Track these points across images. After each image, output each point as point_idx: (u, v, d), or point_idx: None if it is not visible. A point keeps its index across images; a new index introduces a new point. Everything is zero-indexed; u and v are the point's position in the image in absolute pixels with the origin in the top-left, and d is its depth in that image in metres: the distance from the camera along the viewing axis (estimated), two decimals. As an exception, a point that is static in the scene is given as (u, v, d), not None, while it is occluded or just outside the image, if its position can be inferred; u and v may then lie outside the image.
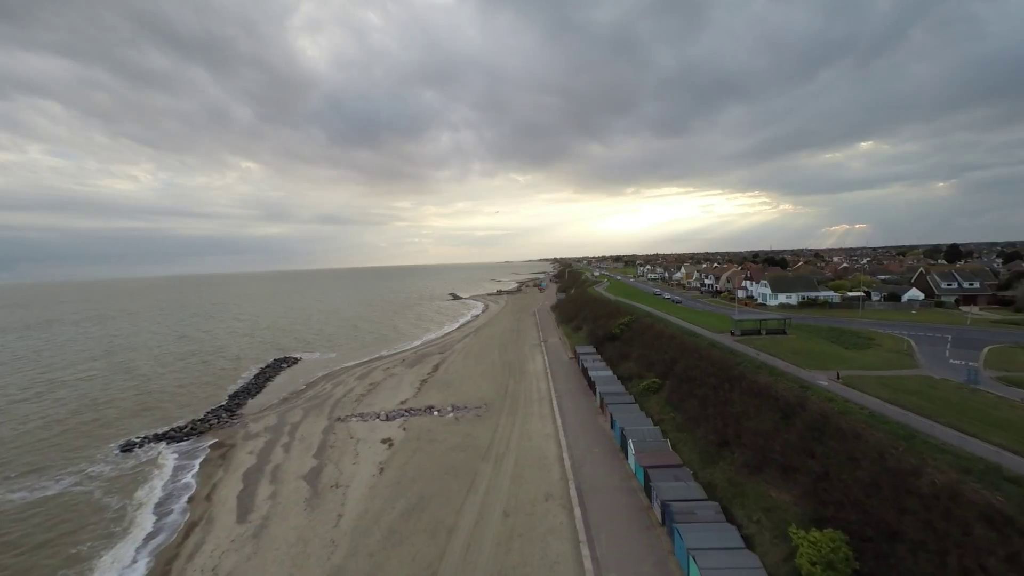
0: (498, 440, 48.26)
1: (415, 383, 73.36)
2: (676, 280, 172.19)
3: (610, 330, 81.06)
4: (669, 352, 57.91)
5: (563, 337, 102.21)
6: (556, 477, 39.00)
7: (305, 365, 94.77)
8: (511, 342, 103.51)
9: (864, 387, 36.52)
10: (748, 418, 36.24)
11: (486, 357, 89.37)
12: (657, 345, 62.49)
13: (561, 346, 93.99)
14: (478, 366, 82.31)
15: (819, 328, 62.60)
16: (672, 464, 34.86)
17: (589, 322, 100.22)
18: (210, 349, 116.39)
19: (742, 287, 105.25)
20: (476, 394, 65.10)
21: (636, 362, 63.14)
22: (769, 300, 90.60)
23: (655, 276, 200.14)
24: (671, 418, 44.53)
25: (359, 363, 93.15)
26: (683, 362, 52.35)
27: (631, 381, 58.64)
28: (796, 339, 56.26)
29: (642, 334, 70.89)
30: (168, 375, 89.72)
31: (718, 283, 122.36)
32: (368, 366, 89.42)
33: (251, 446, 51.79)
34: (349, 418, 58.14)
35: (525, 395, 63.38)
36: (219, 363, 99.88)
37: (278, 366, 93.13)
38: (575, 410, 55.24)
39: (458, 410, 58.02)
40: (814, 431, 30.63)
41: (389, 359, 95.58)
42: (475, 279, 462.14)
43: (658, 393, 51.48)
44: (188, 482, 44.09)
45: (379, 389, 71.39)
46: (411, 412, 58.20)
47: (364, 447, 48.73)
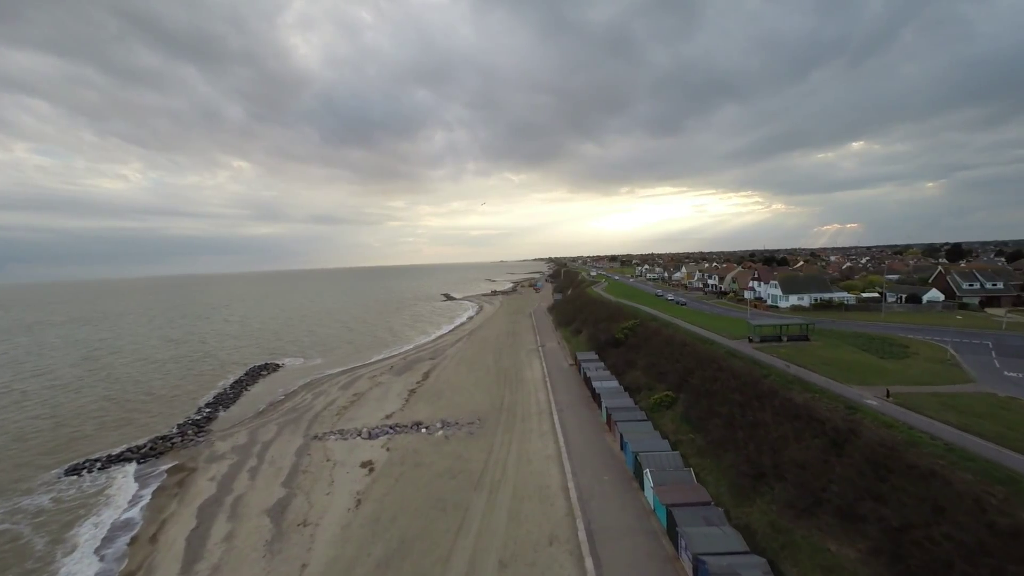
0: (493, 463, 42.58)
1: (403, 393, 67.51)
2: (676, 280, 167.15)
3: (613, 335, 75.58)
4: (682, 361, 52.43)
5: (562, 341, 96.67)
6: (561, 513, 33.35)
7: (287, 372, 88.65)
8: (506, 347, 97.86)
9: (923, 408, 31.22)
10: (787, 445, 30.78)
11: (480, 363, 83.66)
12: (667, 353, 57.01)
13: (560, 351, 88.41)
14: (471, 374, 76.56)
15: (843, 334, 57.41)
16: (700, 501, 29.33)
17: (589, 325, 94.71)
18: (191, 354, 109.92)
19: (749, 288, 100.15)
20: (469, 407, 59.38)
21: (644, 371, 57.65)
22: (780, 302, 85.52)
23: (654, 276, 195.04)
24: (690, 439, 39.03)
25: (344, 370, 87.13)
26: (700, 373, 46.87)
27: (640, 393, 53.16)
28: (822, 346, 51.01)
29: (649, 340, 65.43)
30: (140, 383, 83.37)
31: (722, 284, 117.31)
32: (353, 374, 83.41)
33: (214, 470, 45.79)
34: (327, 436, 52.22)
35: (523, 408, 57.73)
36: (197, 369, 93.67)
37: (257, 374, 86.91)
38: (579, 426, 49.64)
39: (448, 426, 52.26)
40: (877, 467, 25.19)
41: (377, 366, 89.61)
42: (469, 279, 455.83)
43: (672, 408, 45.98)
44: (134, 517, 38.05)
45: (363, 401, 65.48)
46: (396, 429, 52.36)
47: (341, 472, 42.87)
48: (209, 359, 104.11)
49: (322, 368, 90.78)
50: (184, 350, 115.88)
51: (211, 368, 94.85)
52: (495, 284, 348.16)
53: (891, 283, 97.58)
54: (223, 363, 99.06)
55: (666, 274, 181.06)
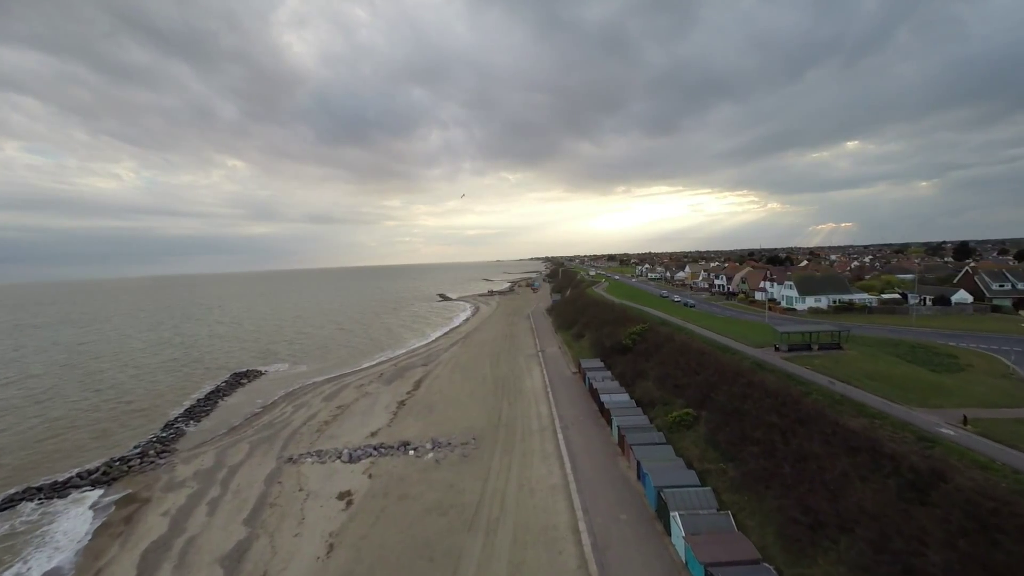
0: (490, 495, 36.83)
1: (391, 406, 61.68)
2: (679, 280, 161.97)
3: (620, 340, 69.96)
4: (701, 373, 46.83)
5: (563, 346, 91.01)
6: (572, 566, 27.65)
7: (269, 380, 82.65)
8: (504, 351, 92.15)
9: (1016, 440, 25.71)
10: (849, 485, 25.20)
11: (476, 371, 77.89)
12: (683, 362, 51.41)
13: (561, 357, 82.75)
14: (466, 383, 70.78)
15: (875, 341, 51.99)
16: (746, 560, 23.73)
17: (592, 329, 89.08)
18: (175, 358, 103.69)
19: (761, 289, 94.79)
20: (463, 422, 53.60)
21: (657, 383, 52.02)
22: (796, 304, 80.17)
23: (656, 276, 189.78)
24: (720, 469, 33.39)
25: (330, 378, 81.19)
26: (725, 388, 41.26)
27: (654, 408, 47.55)
28: (859, 357, 45.57)
29: (660, 347, 59.83)
30: (113, 392, 77.26)
31: (731, 284, 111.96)
32: (340, 382, 77.46)
33: (169, 502, 39.85)
34: (303, 458, 46.33)
35: (523, 423, 52.02)
36: (177, 376, 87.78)
37: (237, 382, 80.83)
38: (586, 447, 43.97)
39: (440, 447, 46.45)
40: (986, 527, 19.59)
41: (366, 373, 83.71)
42: (466, 279, 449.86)
43: (693, 429, 40.36)
44: (63, 567, 32.12)
45: (347, 414, 59.61)
46: (381, 450, 46.50)
47: (314, 507, 37.02)
48: (193, 364, 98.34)
49: (307, 375, 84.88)
50: (168, 354, 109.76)
51: (193, 374, 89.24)
52: (492, 284, 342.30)
53: (909, 283, 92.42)
54: (207, 368, 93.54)
55: (668, 274, 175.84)
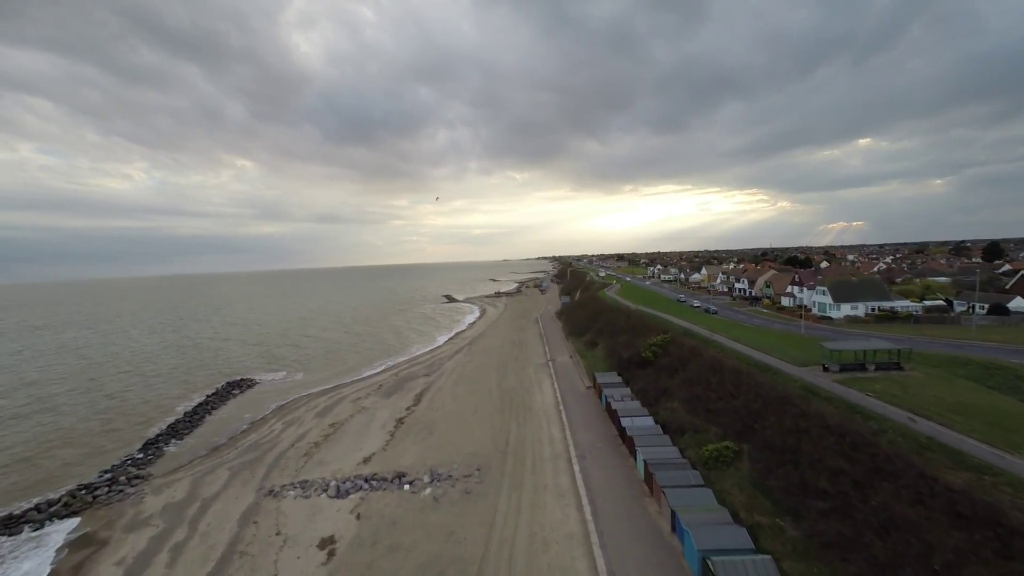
0: (496, 547, 31.17)
1: (388, 424, 56.29)
2: (695, 283, 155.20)
3: (639, 352, 64.04)
4: (739, 396, 40.84)
5: (575, 355, 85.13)
6: (599, 660, 21.93)
7: (262, 391, 77.73)
8: (511, 360, 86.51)
9: None
10: (966, 566, 19.19)
11: (481, 382, 72.32)
12: (716, 383, 45.41)
13: (573, 368, 76.90)
14: (470, 397, 65.22)
15: (941, 359, 45.46)
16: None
17: (606, 337, 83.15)
18: (171, 366, 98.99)
19: (788, 293, 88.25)
20: (466, 446, 48.01)
21: (685, 405, 46.08)
22: (830, 311, 73.67)
23: (669, 278, 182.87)
24: (774, 525, 27.48)
25: (327, 389, 76.09)
26: (772, 419, 35.30)
27: (683, 436, 41.64)
28: (926, 380, 39.31)
29: (686, 362, 53.84)
30: (101, 404, 72.91)
31: (753, 288, 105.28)
32: (336, 394, 72.30)
33: (128, 545, 34.68)
34: (286, 490, 41.01)
35: (533, 449, 46.30)
36: (168, 384, 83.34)
37: (228, 393, 76.02)
38: (607, 483, 38.14)
39: (439, 480, 40.86)
40: None
41: (364, 383, 78.48)
42: (472, 279, 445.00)
43: (735, 467, 34.43)
44: (-13, 636, 27.02)
45: (340, 435, 54.29)
46: (373, 482, 41.02)
47: (290, 556, 31.62)
48: (189, 371, 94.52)
49: (304, 385, 79.90)
50: (167, 360, 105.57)
51: (187, 381, 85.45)
52: (498, 284, 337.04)
53: (947, 287, 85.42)
54: (203, 376, 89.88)
55: (683, 276, 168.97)
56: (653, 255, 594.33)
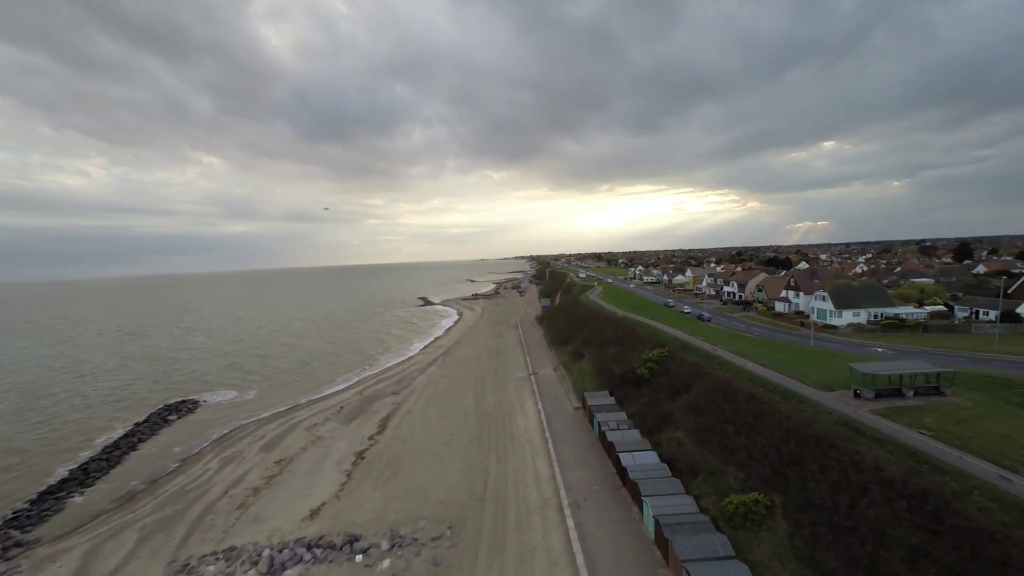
0: (471, 655, 23.54)
1: (345, 461, 47.88)
2: (678, 284, 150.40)
3: (632, 367, 57.33)
4: (763, 432, 34.25)
5: (559, 367, 77.99)
6: None
7: (203, 415, 67.99)
8: (490, 374, 78.86)
9: None
10: None
11: (456, 403, 64.45)
12: (730, 411, 38.80)
13: (558, 383, 69.75)
14: (443, 422, 57.29)
15: (976, 379, 39.91)
16: None
17: (593, 348, 76.33)
18: (109, 384, 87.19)
19: (783, 298, 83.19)
20: (436, 492, 40.13)
21: (694, 437, 39.36)
22: (831, 318, 68.58)
23: (652, 280, 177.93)
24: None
25: (280, 413, 66.97)
26: (813, 467, 28.72)
27: (694, 477, 34.89)
28: (977, 409, 33.50)
29: (690, 382, 47.23)
30: (16, 434, 61.63)
31: (743, 291, 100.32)
32: (289, 419, 63.28)
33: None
34: (204, 564, 32.36)
35: (517, 494, 38.78)
36: (98, 409, 72.44)
37: (163, 419, 66.03)
38: (610, 545, 30.89)
39: (401, 544, 32.85)
40: None
41: (324, 404, 69.58)
42: (449, 279, 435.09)
43: (769, 527, 27.67)
44: None
45: (287, 475, 45.62)
46: (317, 549, 32.73)
47: None
48: (129, 388, 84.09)
49: (254, 407, 70.46)
50: (112, 377, 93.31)
51: (121, 403, 75.17)
52: (476, 285, 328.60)
53: (941, 291, 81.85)
54: (149, 394, 79.45)
55: (665, 277, 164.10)
56: (631, 254, 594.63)
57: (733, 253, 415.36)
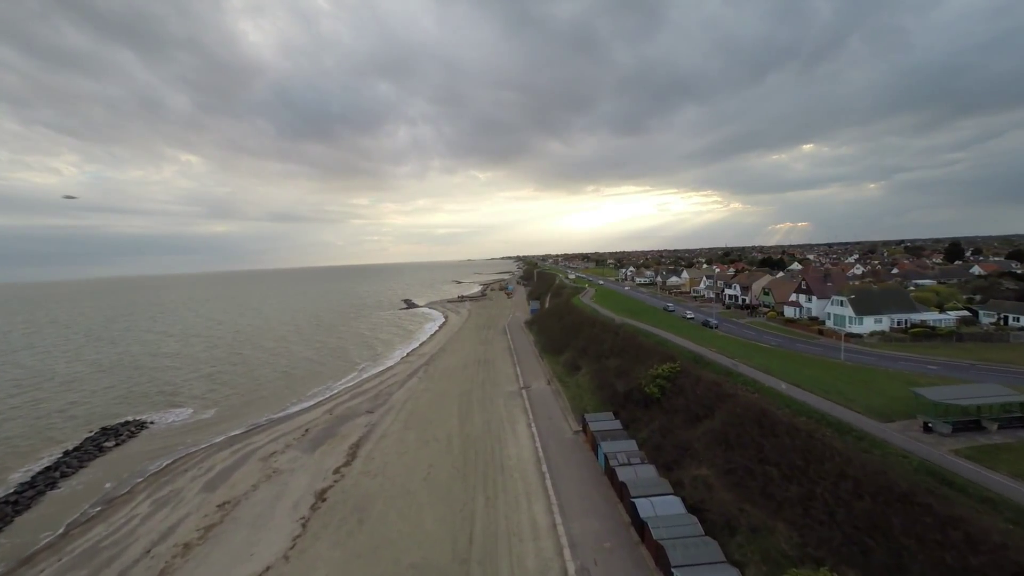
0: None
1: (302, 504, 39.87)
2: (674, 287, 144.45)
3: (639, 384, 50.25)
4: (822, 478, 27.30)
5: (553, 380, 70.67)
6: None
7: (145, 440, 59.31)
8: (477, 387, 71.29)
9: None
10: None
11: (438, 424, 56.76)
12: (771, 448, 31.82)
13: (553, 399, 62.44)
14: (423, 449, 49.56)
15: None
16: None
17: (591, 359, 69.24)
18: (60, 402, 77.40)
19: (793, 303, 77.06)
20: (410, 549, 32.42)
21: (724, 478, 32.31)
22: (852, 326, 62.48)
23: (645, 281, 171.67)
24: None
25: (236, 436, 58.64)
26: (904, 537, 21.75)
27: (733, 535, 27.83)
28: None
29: (712, 405, 40.29)
30: None
31: (748, 294, 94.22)
32: (245, 445, 54.95)
33: None
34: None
35: (510, 555, 31.21)
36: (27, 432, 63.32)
37: (98, 445, 57.22)
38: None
39: (360, 636, 25.13)
40: None
41: (288, 425, 61.30)
42: (435, 280, 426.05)
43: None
44: None
45: (227, 526, 37.45)
46: (248, 645, 24.83)
47: None
48: (85, 406, 74.85)
49: (207, 430, 61.97)
50: (65, 391, 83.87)
51: (72, 420, 67.66)
52: (462, 287, 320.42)
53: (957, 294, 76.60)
54: (98, 412, 70.94)
55: (659, 279, 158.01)
56: (618, 255, 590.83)
57: (722, 253, 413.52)
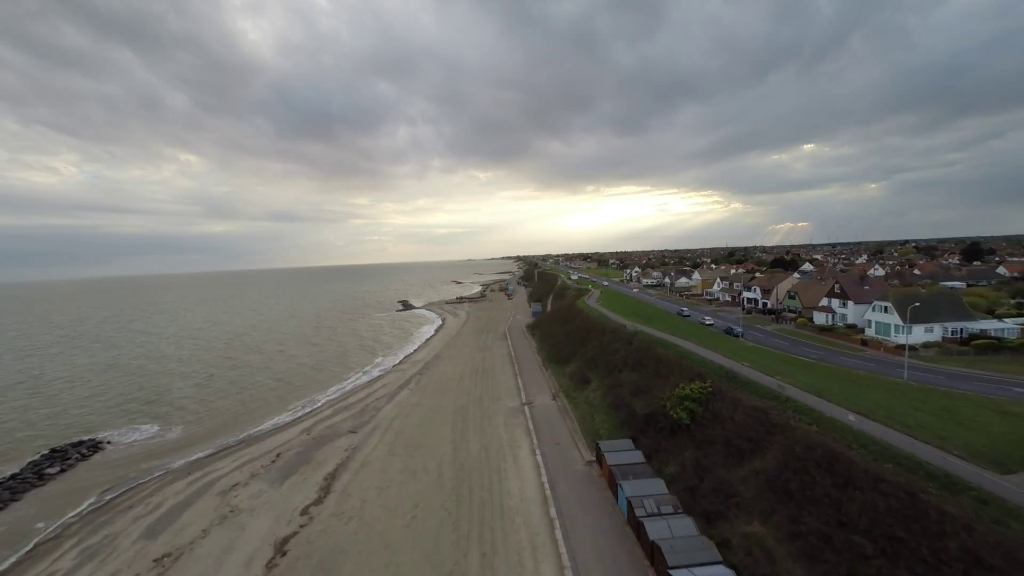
0: None
1: (257, 560, 32.46)
2: (682, 288, 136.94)
3: (663, 405, 42.81)
4: (945, 568, 19.78)
5: (559, 395, 63.21)
6: None
7: (96, 467, 52.03)
8: (474, 402, 63.96)
9: None
10: None
11: (429, 448, 49.38)
12: (853, 506, 24.45)
13: (560, 418, 55.01)
14: (409, 483, 42.14)
15: None
16: None
17: (601, 372, 61.84)
18: (11, 418, 69.77)
19: (824, 308, 69.54)
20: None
21: (789, 544, 24.92)
22: (899, 335, 55.00)
23: (652, 282, 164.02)
24: None
25: (196, 462, 51.33)
26: None
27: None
28: None
29: (758, 438, 32.87)
30: None
31: (770, 298, 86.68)
32: (204, 474, 47.57)
33: None
34: None
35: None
36: None
37: (38, 473, 49.92)
38: None
39: None
40: None
41: (258, 447, 53.96)
42: (435, 281, 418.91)
43: None
44: None
45: (159, 591, 30.08)
46: None
47: None
48: (49, 420, 67.56)
49: (169, 451, 54.80)
50: (33, 402, 76.27)
51: (33, 437, 60.27)
52: (461, 287, 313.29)
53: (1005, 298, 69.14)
54: (61, 428, 64.22)
55: (667, 280, 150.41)
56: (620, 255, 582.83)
57: (726, 253, 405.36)
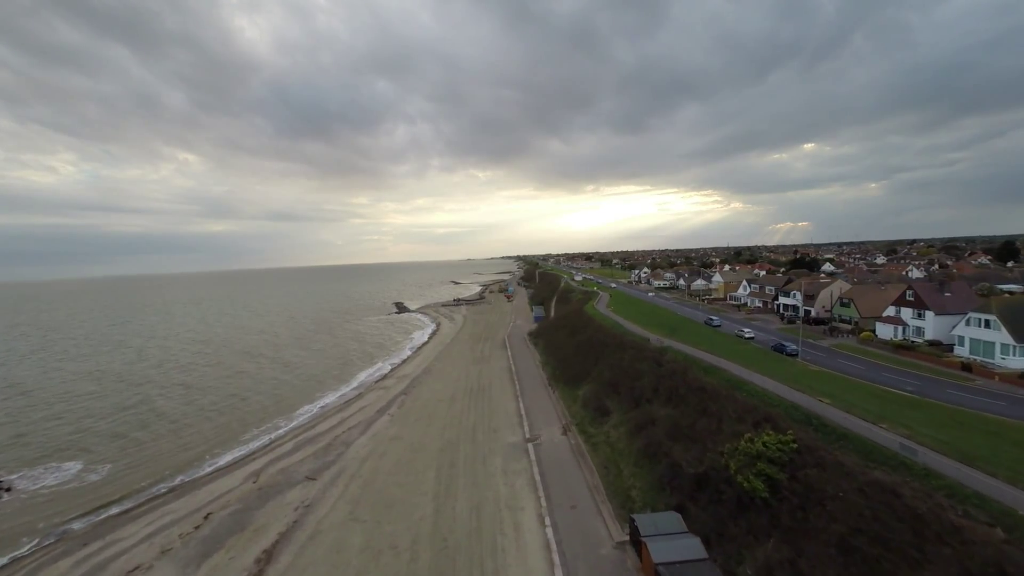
0: None
1: None
2: (698, 292, 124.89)
3: (723, 462, 30.82)
4: None
5: (570, 429, 51.14)
6: None
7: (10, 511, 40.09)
8: (466, 434, 52.16)
9: None
10: None
11: (403, 507, 37.40)
12: None
13: (574, 464, 43.01)
14: (370, 571, 30.18)
15: None
16: None
17: (624, 400, 49.77)
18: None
19: (892, 319, 57.49)
20: None
21: None
22: (1008, 356, 43.02)
23: (664, 284, 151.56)
24: None
25: (102, 522, 39.48)
26: None
27: None
28: None
29: (897, 537, 20.72)
30: None
31: (813, 304, 74.41)
32: (105, 543, 35.76)
33: None
34: None
35: None
36: None
37: None
38: None
39: None
40: None
41: (187, 500, 42.10)
42: (433, 281, 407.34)
43: None
44: None
45: None
46: None
47: None
48: None
49: (75, 506, 42.93)
50: None
51: None
52: (460, 288, 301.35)
53: None
54: None
55: (681, 282, 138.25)
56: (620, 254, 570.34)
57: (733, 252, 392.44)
